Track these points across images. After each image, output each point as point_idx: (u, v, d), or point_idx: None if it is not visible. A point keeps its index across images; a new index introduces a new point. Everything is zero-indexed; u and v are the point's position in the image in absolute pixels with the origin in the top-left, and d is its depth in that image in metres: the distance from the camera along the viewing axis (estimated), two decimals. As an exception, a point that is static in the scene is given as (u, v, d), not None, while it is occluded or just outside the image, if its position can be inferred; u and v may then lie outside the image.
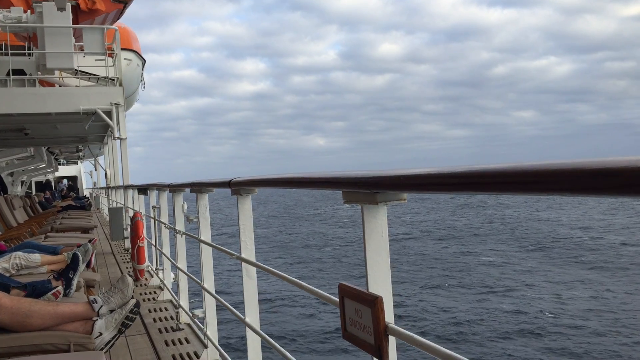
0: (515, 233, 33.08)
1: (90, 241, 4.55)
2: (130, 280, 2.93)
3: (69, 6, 10.01)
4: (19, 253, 4.22)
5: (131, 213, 8.40)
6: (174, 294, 5.50)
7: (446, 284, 18.50)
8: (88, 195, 28.21)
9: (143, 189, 6.96)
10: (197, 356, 3.94)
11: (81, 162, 35.71)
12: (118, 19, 12.28)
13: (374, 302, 1.35)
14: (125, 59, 13.04)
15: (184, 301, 4.89)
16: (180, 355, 4.01)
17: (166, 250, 5.90)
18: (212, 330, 3.82)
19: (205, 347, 3.91)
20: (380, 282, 1.46)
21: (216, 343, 3.71)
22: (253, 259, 2.77)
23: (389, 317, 1.37)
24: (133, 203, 8.75)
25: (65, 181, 35.56)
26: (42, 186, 25.22)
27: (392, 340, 1.35)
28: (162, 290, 6.16)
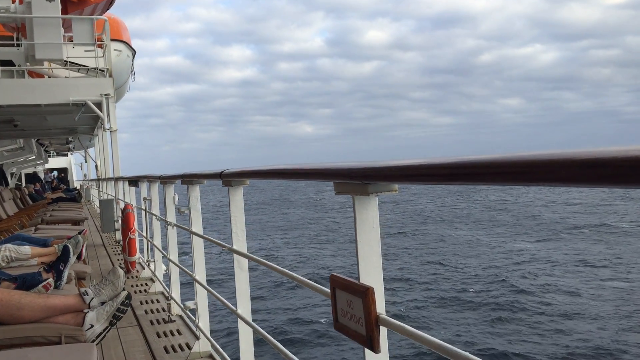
0: (506, 219, 33.28)
1: (80, 233, 4.53)
2: (121, 272, 2.92)
3: (57, -4, 9.92)
4: (9, 245, 4.20)
5: (122, 205, 8.37)
6: (165, 286, 5.50)
7: (436, 270, 18.61)
8: (78, 187, 28.07)
9: (134, 181, 6.93)
10: (189, 347, 3.95)
11: (71, 154, 35.51)
12: (107, 9, 12.17)
13: (365, 293, 1.35)
14: (115, 49, 12.94)
15: (175, 293, 4.89)
16: (172, 346, 4.02)
17: (157, 242, 5.89)
18: (203, 322, 3.82)
19: (197, 338, 3.91)
20: (371, 272, 1.47)
21: (208, 334, 3.72)
22: (244, 250, 2.77)
23: (380, 307, 1.37)
24: (124, 195, 8.72)
25: (55, 172, 35.36)
26: (31, 178, 25.05)
27: (383, 330, 1.36)
28: (153, 282, 6.15)
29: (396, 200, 54.52)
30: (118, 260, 8.07)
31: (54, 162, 35.18)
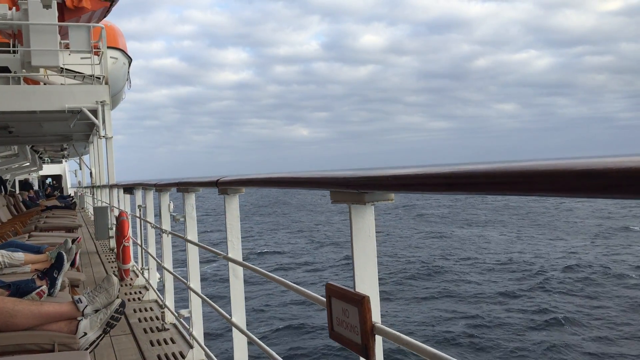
0: (503, 221, 33.30)
1: (74, 240, 4.52)
2: (115, 279, 2.91)
3: (54, 3, 9.93)
4: (2, 251, 4.18)
5: (116, 212, 8.35)
6: (159, 294, 5.48)
7: (431, 282, 18.60)
8: (73, 194, 27.97)
9: (129, 188, 6.91)
10: (183, 356, 3.93)
11: (66, 161, 35.42)
12: (104, 17, 12.19)
13: (361, 302, 1.35)
14: (111, 57, 12.95)
15: (169, 301, 4.87)
16: (166, 355, 3.99)
17: (152, 249, 5.87)
18: (198, 330, 3.80)
19: (191, 347, 3.89)
20: (367, 281, 1.47)
21: (202, 343, 3.70)
22: (240, 258, 2.76)
23: (376, 316, 1.38)
24: (118, 202, 8.70)
25: (49, 182, 35.23)
26: (24, 185, 24.96)
27: (378, 339, 1.36)
28: (147, 290, 6.13)
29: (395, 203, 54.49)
30: (112, 268, 8.04)
31: (48, 169, 35.08)
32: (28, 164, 22.59)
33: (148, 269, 6.11)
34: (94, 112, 10.41)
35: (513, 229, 34.03)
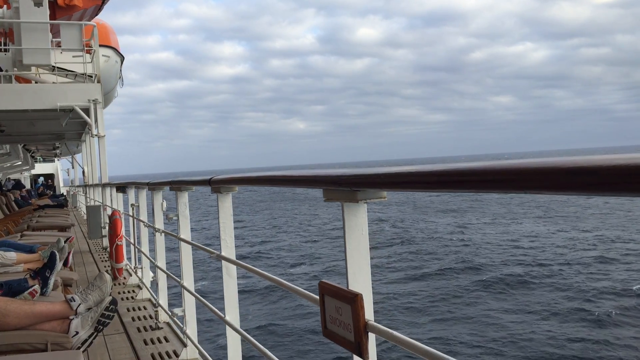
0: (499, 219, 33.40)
1: (67, 240, 4.50)
2: (108, 277, 2.90)
3: (46, 2, 9.89)
4: (-5, 251, 4.16)
5: (109, 211, 8.32)
6: (153, 293, 5.47)
7: (425, 277, 18.64)
8: (65, 194, 27.85)
9: (122, 187, 6.90)
10: (177, 355, 3.92)
11: (58, 160, 35.26)
12: (96, 15, 12.14)
13: (354, 300, 1.36)
14: (103, 55, 12.90)
15: (163, 300, 4.86)
16: (159, 354, 3.99)
17: (145, 248, 5.86)
18: (191, 329, 3.80)
19: (185, 345, 3.89)
20: (360, 279, 1.47)
21: (196, 342, 3.70)
22: (233, 257, 2.76)
23: (369, 314, 1.38)
24: (111, 201, 8.67)
25: (42, 181, 35.03)
26: (14, 186, 24.78)
27: (371, 337, 1.36)
28: (141, 289, 6.12)
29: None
30: (105, 267, 8.02)
31: (41, 168, 34.92)
32: (20, 162, 22.49)
33: (141, 268, 6.10)
34: (86, 110, 10.37)
35: (513, 221, 34.16)
